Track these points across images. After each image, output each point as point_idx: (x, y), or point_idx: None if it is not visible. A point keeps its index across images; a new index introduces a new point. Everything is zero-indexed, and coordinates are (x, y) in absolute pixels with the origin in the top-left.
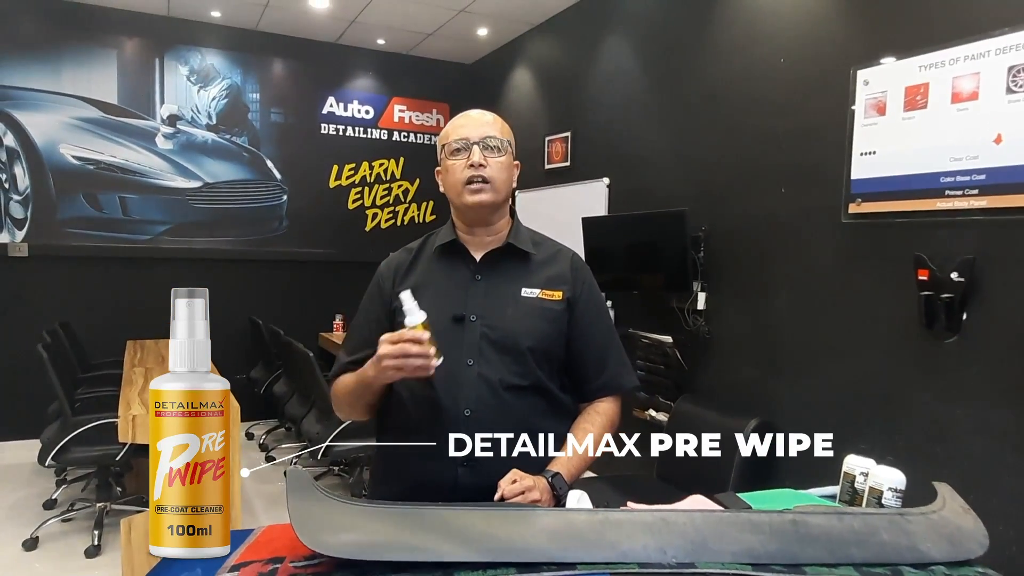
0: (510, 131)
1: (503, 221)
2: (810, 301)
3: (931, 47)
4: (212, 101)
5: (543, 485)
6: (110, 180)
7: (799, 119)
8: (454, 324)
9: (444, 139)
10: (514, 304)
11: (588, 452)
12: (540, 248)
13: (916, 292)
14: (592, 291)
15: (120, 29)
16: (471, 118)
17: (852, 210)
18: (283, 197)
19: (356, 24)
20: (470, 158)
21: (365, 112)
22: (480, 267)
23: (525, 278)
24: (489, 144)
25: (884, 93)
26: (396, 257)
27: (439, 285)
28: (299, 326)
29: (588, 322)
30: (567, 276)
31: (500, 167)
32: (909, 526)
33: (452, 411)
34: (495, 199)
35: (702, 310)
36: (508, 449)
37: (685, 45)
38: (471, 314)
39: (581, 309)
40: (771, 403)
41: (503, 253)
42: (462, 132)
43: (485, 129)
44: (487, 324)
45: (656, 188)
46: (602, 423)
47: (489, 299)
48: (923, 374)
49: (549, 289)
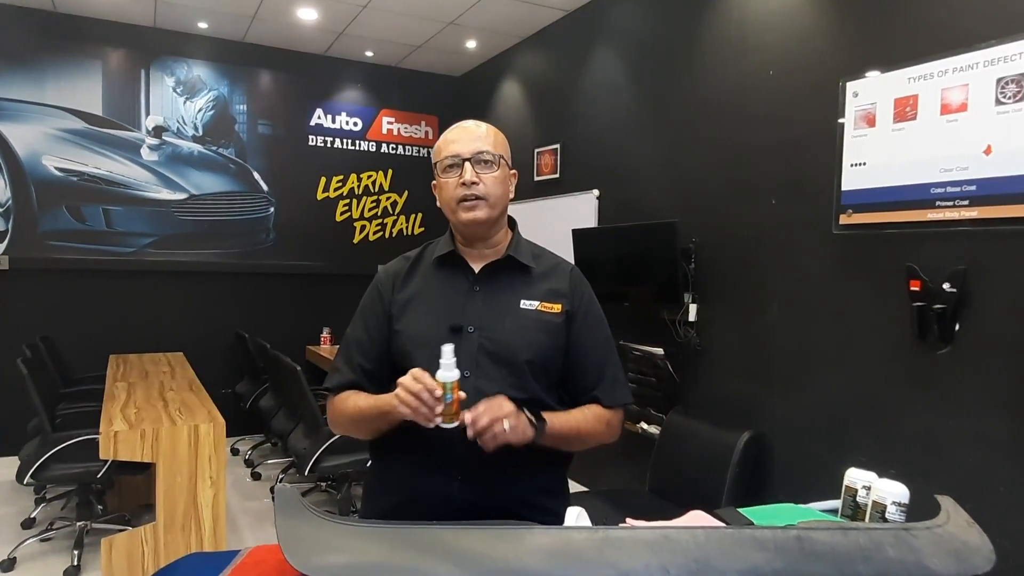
0: (505, 142)
1: (501, 233)
2: (802, 312)
3: (920, 59)
4: (198, 112)
5: (515, 410)
6: (94, 192)
7: (789, 131)
8: (451, 335)
9: (437, 155)
10: (513, 316)
11: (575, 424)
12: (540, 261)
13: (908, 303)
14: (591, 305)
15: (105, 39)
16: (464, 131)
17: (843, 221)
18: (270, 209)
19: (344, 36)
20: (462, 175)
21: (353, 124)
22: (479, 278)
23: (524, 290)
24: (482, 159)
25: (873, 105)
26: (394, 265)
27: (437, 295)
28: (286, 340)
29: (586, 336)
30: (566, 290)
31: (494, 182)
32: (915, 542)
33: (450, 428)
34: (489, 215)
35: (693, 322)
36: (503, 463)
37: (674, 57)
38: (469, 325)
39: (580, 323)
40: (763, 415)
41: (502, 265)
42: (453, 148)
43: (477, 144)
44: (485, 335)
45: (646, 200)
46: (595, 417)
47: (488, 310)
48: (916, 385)
49: (548, 302)
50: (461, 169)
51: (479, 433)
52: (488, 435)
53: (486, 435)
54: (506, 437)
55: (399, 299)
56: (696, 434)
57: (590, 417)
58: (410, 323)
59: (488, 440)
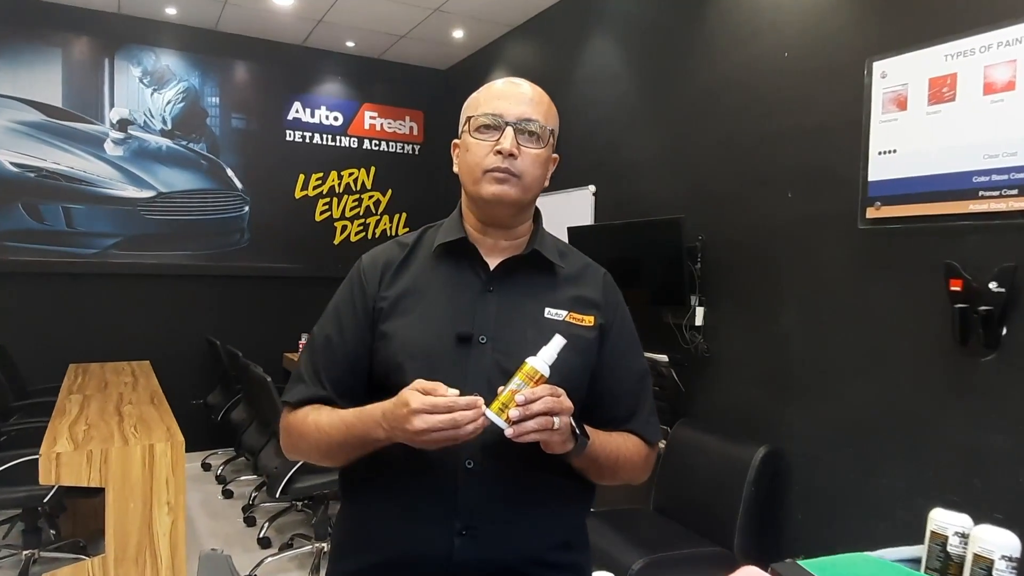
0: (557, 116)
1: (525, 225)
2: (822, 315)
3: (959, 33)
4: (167, 105)
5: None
6: (53, 189)
7: (807, 117)
8: (458, 346)
9: (473, 108)
10: (535, 326)
11: (615, 448)
12: (567, 260)
13: (947, 304)
14: (626, 319)
15: (66, 26)
16: (514, 88)
17: (870, 215)
18: (244, 208)
19: (323, 24)
20: (500, 141)
21: (334, 119)
22: (494, 277)
23: (549, 295)
24: (528, 128)
25: (904, 86)
26: (384, 251)
27: (439, 293)
28: (261, 347)
29: (621, 358)
30: (599, 298)
31: (535, 161)
32: None
33: (449, 462)
34: (520, 197)
35: (700, 326)
36: (520, 512)
37: (677, 41)
38: (480, 334)
39: (614, 340)
40: (779, 428)
41: (523, 262)
42: (497, 105)
43: (526, 108)
44: (501, 349)
45: (646, 195)
46: (635, 448)
47: (504, 317)
48: (956, 396)
49: (578, 312)
50: (500, 133)
51: (529, 416)
52: (533, 424)
53: (530, 423)
54: (550, 436)
55: (389, 295)
56: (706, 449)
57: (630, 446)
58: (402, 327)
59: (526, 431)
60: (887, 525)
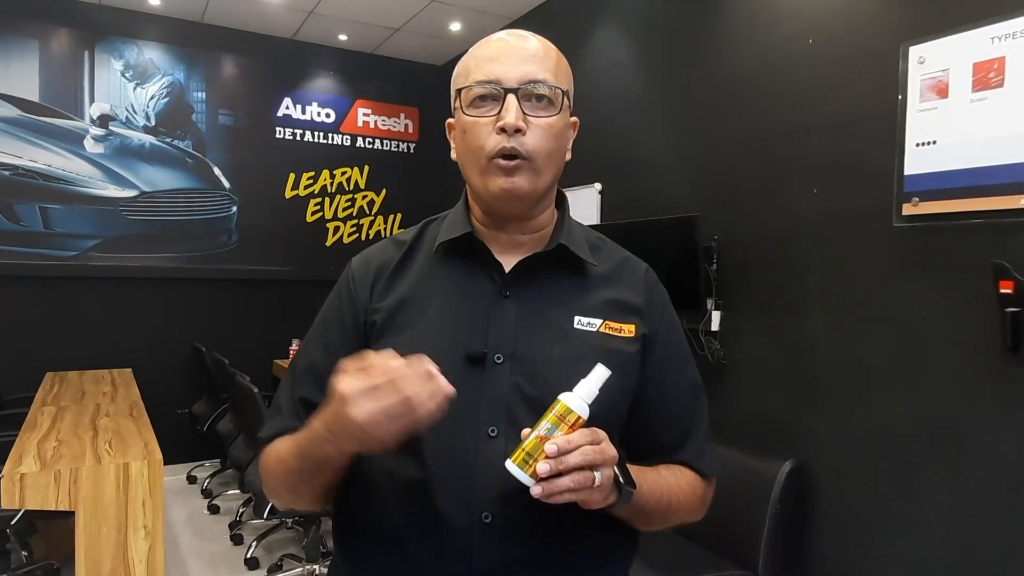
0: (569, 71)
1: (547, 213)
2: (852, 320)
3: (1006, 13)
4: (151, 100)
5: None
6: (29, 188)
7: (833, 108)
8: (469, 368)
9: (463, 77)
10: (563, 340)
11: (666, 491)
12: (599, 256)
13: (996, 308)
14: (674, 325)
15: (44, 17)
16: (507, 46)
17: (907, 211)
18: (232, 208)
19: (315, 16)
20: (501, 115)
21: (326, 115)
22: (511, 279)
23: (579, 301)
24: (534, 92)
25: (945, 72)
26: (378, 253)
27: (444, 303)
28: (250, 353)
29: (670, 374)
30: (641, 302)
31: (548, 133)
32: None
33: (461, 514)
34: (534, 187)
35: (717, 331)
36: (551, 560)
37: (690, 30)
38: (496, 352)
39: (660, 353)
40: (805, 442)
41: (545, 260)
42: (491, 70)
43: (530, 68)
44: (523, 371)
45: (657, 192)
46: (689, 487)
47: (525, 330)
48: (1006, 407)
49: (616, 320)
50: (500, 105)
51: (564, 471)
52: (568, 482)
53: (564, 481)
54: (589, 495)
55: (382, 307)
56: (724, 463)
57: (684, 486)
58: (399, 345)
59: (559, 491)
60: (926, 547)
